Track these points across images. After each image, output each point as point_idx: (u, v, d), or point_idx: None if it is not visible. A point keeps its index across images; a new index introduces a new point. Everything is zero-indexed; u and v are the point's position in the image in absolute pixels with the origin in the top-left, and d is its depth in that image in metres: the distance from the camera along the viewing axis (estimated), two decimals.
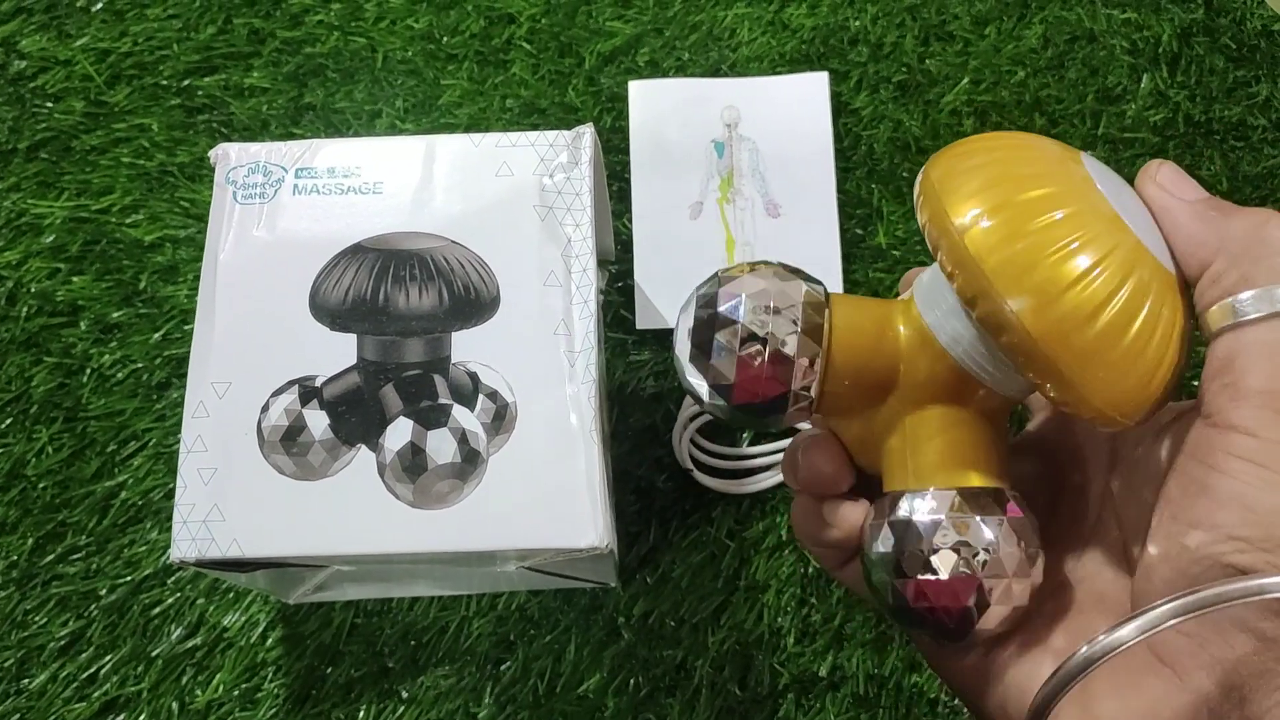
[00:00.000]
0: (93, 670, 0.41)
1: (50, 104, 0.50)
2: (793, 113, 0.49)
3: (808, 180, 0.48)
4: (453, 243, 0.35)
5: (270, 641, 0.41)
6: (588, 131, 0.37)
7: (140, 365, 0.45)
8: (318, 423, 0.33)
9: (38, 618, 0.42)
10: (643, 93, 0.49)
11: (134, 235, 0.47)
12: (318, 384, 0.34)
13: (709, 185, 0.48)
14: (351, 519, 0.32)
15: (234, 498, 0.32)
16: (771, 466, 0.43)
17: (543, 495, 0.32)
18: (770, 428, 0.29)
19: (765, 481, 0.43)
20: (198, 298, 0.35)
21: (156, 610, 0.42)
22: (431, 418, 0.33)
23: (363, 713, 0.40)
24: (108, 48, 0.50)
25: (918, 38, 0.50)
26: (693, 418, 0.43)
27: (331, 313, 0.34)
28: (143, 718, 0.40)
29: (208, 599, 0.42)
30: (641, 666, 0.41)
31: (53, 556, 0.42)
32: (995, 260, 0.24)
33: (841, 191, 0.48)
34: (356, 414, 0.33)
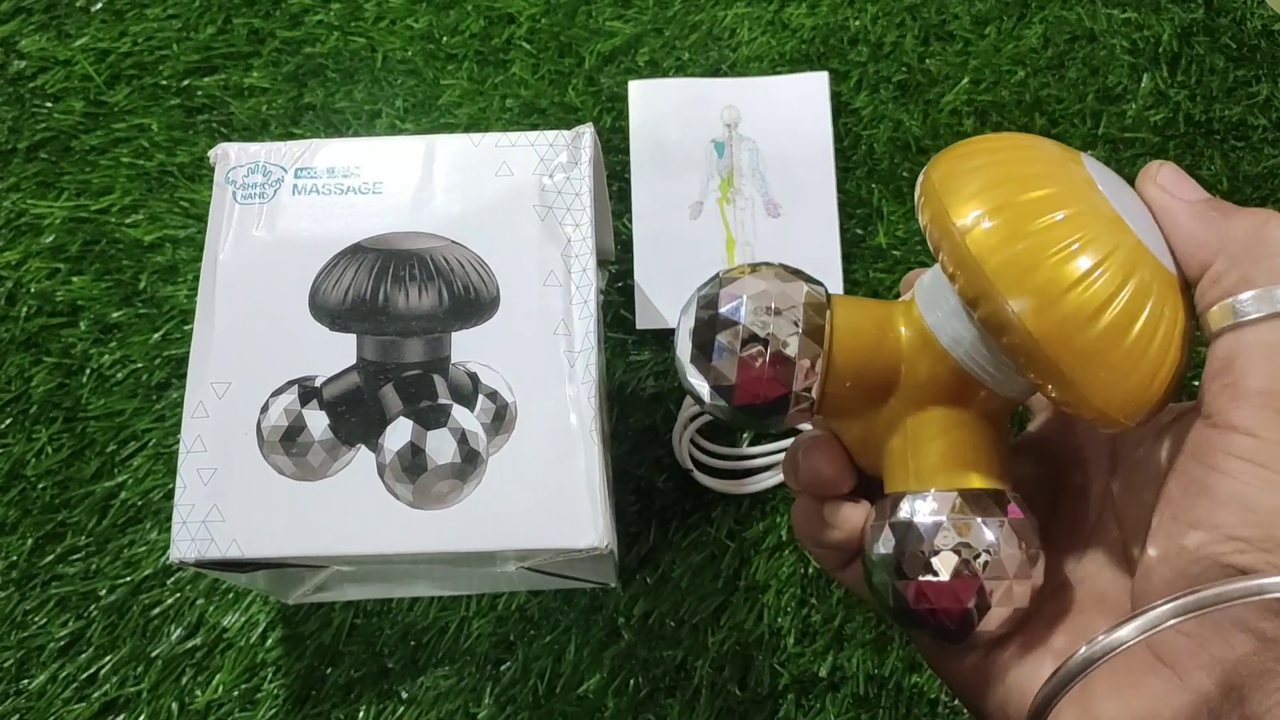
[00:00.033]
0: (92, 671, 0.41)
1: (50, 104, 0.50)
2: (793, 112, 0.49)
3: (808, 180, 0.48)
4: (452, 243, 0.35)
5: (270, 642, 0.41)
6: (587, 131, 0.37)
7: (140, 365, 0.45)
8: (317, 423, 0.33)
9: (37, 618, 0.42)
10: (643, 92, 0.49)
11: (134, 235, 0.47)
12: (317, 384, 0.34)
13: (709, 185, 0.48)
14: (351, 519, 0.32)
15: (233, 498, 0.32)
16: (772, 467, 0.43)
17: (542, 495, 0.32)
18: (771, 429, 0.29)
19: (765, 482, 0.43)
20: (197, 298, 0.35)
21: (156, 611, 0.42)
22: (431, 418, 0.33)
23: (362, 713, 0.40)
24: (107, 48, 0.50)
25: (918, 37, 0.50)
26: (693, 418, 0.43)
27: (331, 313, 0.34)
28: (142, 718, 0.40)
29: (207, 599, 0.42)
30: (641, 667, 0.41)
31: (52, 557, 0.42)
32: (997, 261, 0.24)
33: (841, 191, 0.48)
34: (356, 414, 0.33)
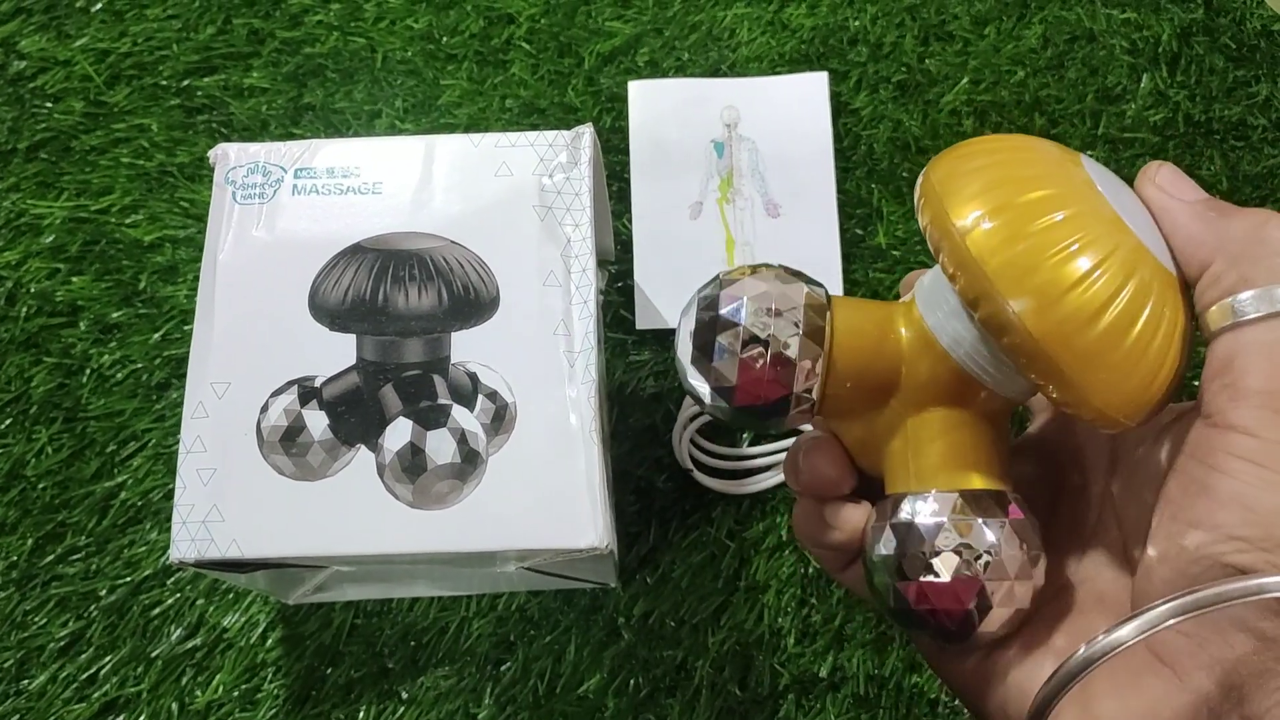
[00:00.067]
0: (92, 671, 0.41)
1: (50, 104, 0.50)
2: (792, 113, 0.49)
3: (807, 180, 0.48)
4: (452, 243, 0.35)
5: (270, 642, 0.41)
6: (587, 131, 0.37)
7: (140, 365, 0.45)
8: (317, 423, 0.33)
9: (37, 618, 0.42)
10: (642, 93, 0.49)
11: (133, 235, 0.47)
12: (317, 384, 0.34)
13: (709, 185, 0.48)
14: (351, 519, 0.32)
15: (233, 498, 0.32)
16: (772, 467, 0.43)
17: (542, 496, 0.32)
18: (772, 430, 0.29)
19: (765, 482, 0.43)
20: (197, 298, 0.35)
21: (156, 611, 0.42)
22: (431, 418, 0.33)
23: (362, 713, 0.40)
24: (107, 48, 0.50)
25: (917, 37, 0.50)
26: (693, 418, 0.43)
27: (331, 313, 0.34)
28: (142, 718, 0.40)
29: (207, 599, 0.42)
30: (641, 667, 0.41)
31: (52, 557, 0.42)
32: (997, 262, 0.24)
33: (841, 191, 0.48)
34: (356, 414, 0.33)
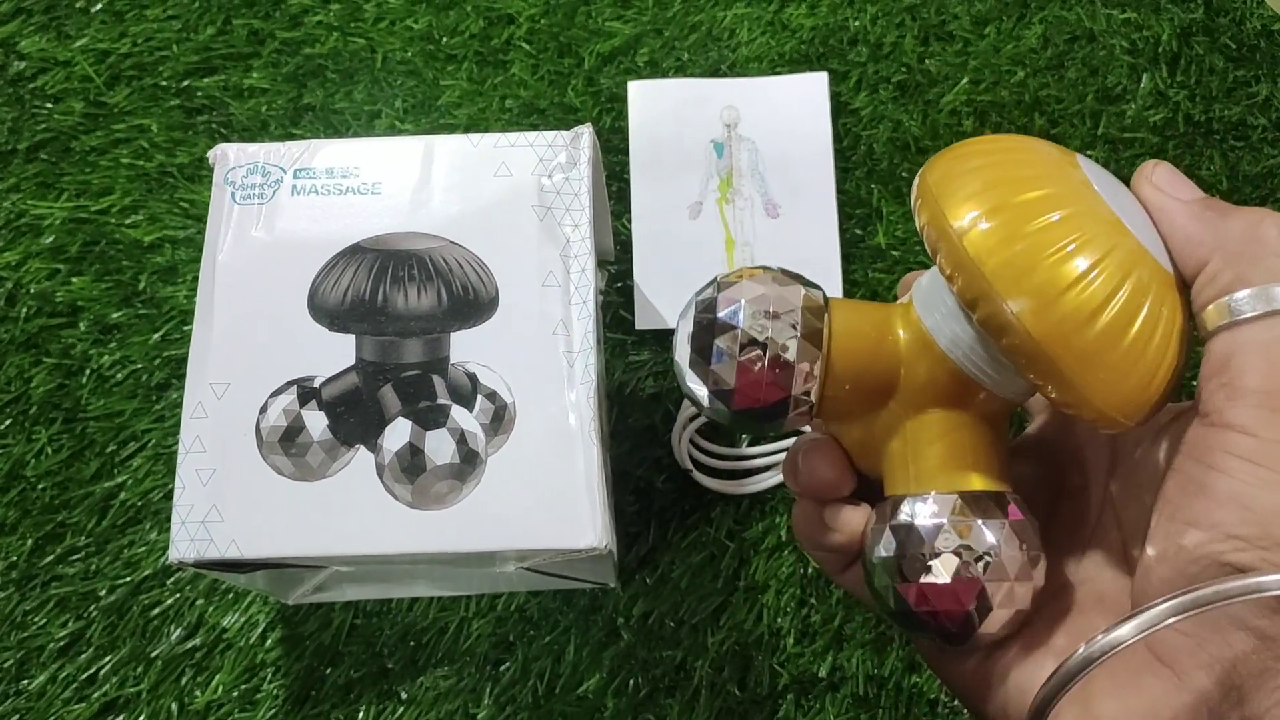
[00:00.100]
0: (92, 671, 0.41)
1: (50, 105, 0.50)
2: (792, 113, 0.49)
3: (807, 180, 0.48)
4: (451, 243, 0.35)
5: (270, 642, 0.41)
6: (586, 132, 0.37)
7: (139, 366, 0.45)
8: (316, 423, 0.33)
9: (37, 619, 0.42)
10: (642, 93, 0.49)
11: (133, 236, 0.47)
12: (316, 384, 0.34)
13: (708, 185, 0.48)
14: (350, 520, 0.32)
15: (232, 498, 0.32)
16: (771, 467, 0.43)
17: (542, 496, 0.32)
18: (770, 432, 0.29)
19: (765, 482, 0.43)
20: (196, 298, 0.35)
21: (156, 611, 0.42)
22: (430, 418, 0.33)
23: (362, 713, 0.40)
24: (107, 48, 0.50)
25: (917, 38, 0.50)
26: (692, 418, 0.43)
27: (330, 313, 0.34)
28: (142, 718, 0.41)
29: (207, 600, 0.42)
30: (641, 667, 0.41)
31: (52, 557, 0.43)
32: (995, 262, 0.24)
33: (841, 191, 0.48)
34: (355, 414, 0.33)
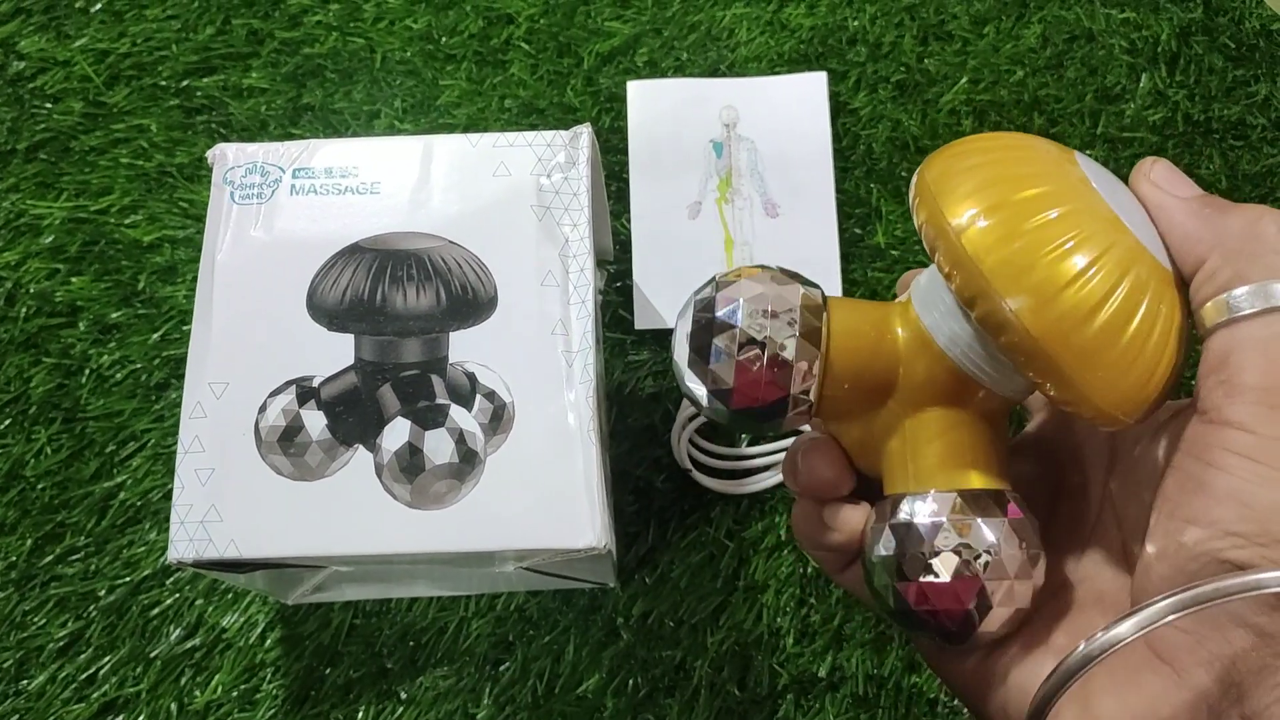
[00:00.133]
0: (92, 671, 0.41)
1: (49, 105, 0.50)
2: (791, 113, 0.49)
3: (806, 180, 0.48)
4: (450, 243, 0.35)
5: (269, 642, 0.41)
6: (585, 131, 0.37)
7: (139, 366, 0.45)
8: (315, 423, 0.33)
9: (36, 619, 0.42)
10: (641, 93, 0.49)
11: (133, 236, 0.47)
12: (315, 384, 0.34)
13: (707, 185, 0.48)
14: (349, 519, 0.32)
15: (231, 498, 0.32)
16: (770, 467, 0.43)
17: (541, 496, 0.32)
18: (769, 432, 0.29)
19: (764, 482, 0.43)
20: (195, 298, 0.35)
21: (155, 611, 0.42)
22: (429, 418, 0.33)
23: (361, 713, 0.40)
24: (106, 48, 0.50)
25: (916, 37, 0.50)
26: (691, 418, 0.43)
27: (329, 313, 0.34)
28: (142, 718, 0.40)
29: (206, 600, 0.42)
30: (640, 667, 0.41)
31: (51, 557, 0.42)
32: (993, 260, 0.24)
33: (840, 191, 0.48)
34: (354, 414, 0.33)
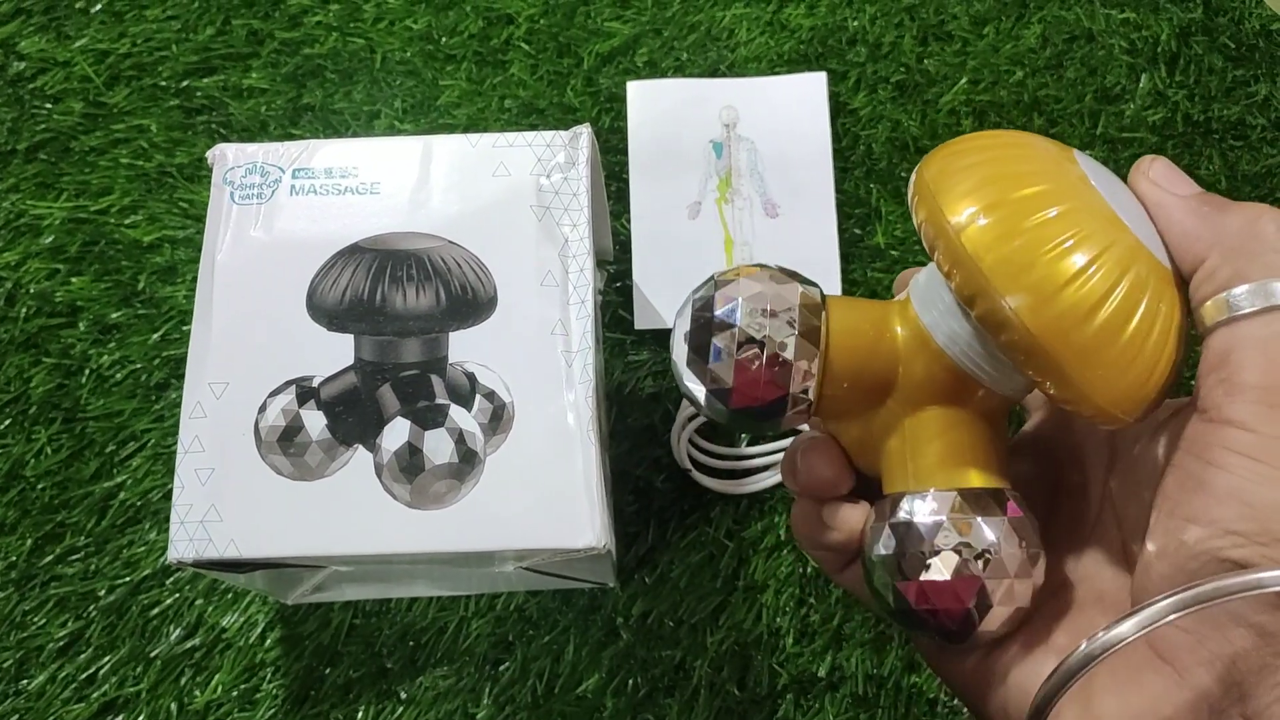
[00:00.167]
0: (91, 671, 0.41)
1: (49, 105, 0.50)
2: (791, 113, 0.49)
3: (806, 180, 0.48)
4: (450, 243, 0.35)
5: (269, 642, 0.41)
6: (585, 132, 0.37)
7: (139, 366, 0.45)
8: (315, 423, 0.33)
9: (36, 618, 0.42)
10: (641, 93, 0.49)
11: (133, 236, 0.47)
12: (315, 384, 0.34)
13: (707, 185, 0.48)
14: (349, 519, 0.32)
15: (231, 498, 0.32)
16: (770, 467, 0.43)
17: (540, 496, 0.32)
18: (768, 431, 0.29)
19: (764, 482, 0.43)
20: (195, 298, 0.35)
21: (155, 611, 0.42)
22: (429, 418, 0.33)
23: (361, 713, 0.40)
24: (107, 49, 0.50)
25: (916, 38, 0.50)
26: (691, 418, 0.43)
27: (329, 313, 0.34)
28: (141, 718, 0.40)
29: (206, 600, 0.42)
30: (640, 667, 0.41)
31: (51, 557, 0.42)
32: (993, 258, 0.24)
33: (840, 191, 0.48)
34: (354, 414, 0.33)
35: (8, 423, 0.44)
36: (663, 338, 0.46)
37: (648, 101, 0.49)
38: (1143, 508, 0.26)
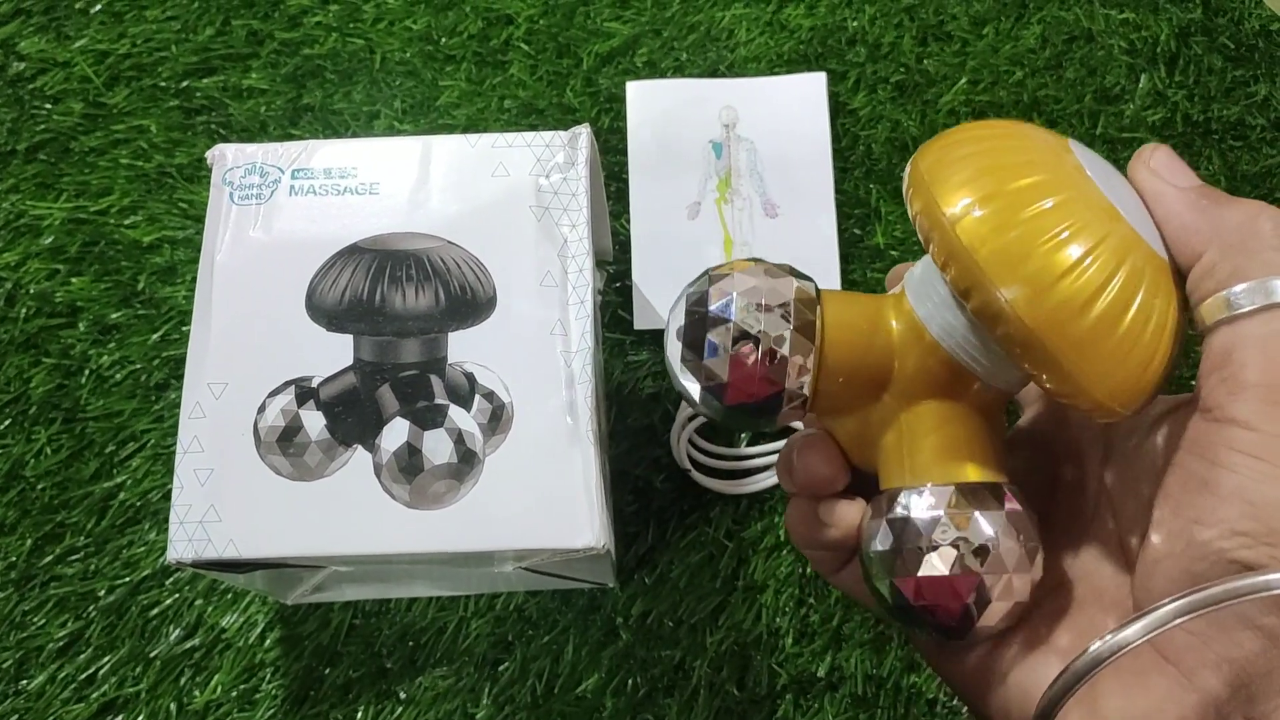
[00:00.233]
0: (91, 671, 0.41)
1: (49, 105, 0.50)
2: (790, 113, 0.49)
3: (806, 180, 0.48)
4: (449, 243, 0.35)
5: (268, 642, 0.41)
6: (584, 132, 0.37)
7: (139, 366, 0.45)
8: (314, 423, 0.33)
9: (36, 619, 0.42)
10: (641, 93, 0.49)
11: (132, 236, 0.47)
12: (314, 384, 0.34)
13: (707, 185, 0.48)
14: (348, 519, 0.32)
15: (231, 498, 0.32)
16: (769, 467, 0.43)
17: (539, 496, 0.32)
18: (764, 428, 0.29)
19: (763, 482, 0.43)
20: (194, 298, 0.35)
21: (155, 611, 0.42)
22: (428, 418, 0.33)
23: (361, 713, 0.40)
24: (106, 49, 0.50)
25: (915, 38, 0.50)
26: (690, 418, 0.43)
27: (328, 313, 0.34)
28: (141, 718, 0.40)
29: (206, 600, 0.42)
30: (640, 667, 0.41)
31: (51, 557, 0.42)
32: (988, 250, 0.24)
33: (839, 192, 0.48)
34: (353, 414, 0.33)
35: (8, 423, 0.44)
36: (662, 338, 0.46)
37: (647, 102, 0.49)
38: (1140, 503, 0.26)
